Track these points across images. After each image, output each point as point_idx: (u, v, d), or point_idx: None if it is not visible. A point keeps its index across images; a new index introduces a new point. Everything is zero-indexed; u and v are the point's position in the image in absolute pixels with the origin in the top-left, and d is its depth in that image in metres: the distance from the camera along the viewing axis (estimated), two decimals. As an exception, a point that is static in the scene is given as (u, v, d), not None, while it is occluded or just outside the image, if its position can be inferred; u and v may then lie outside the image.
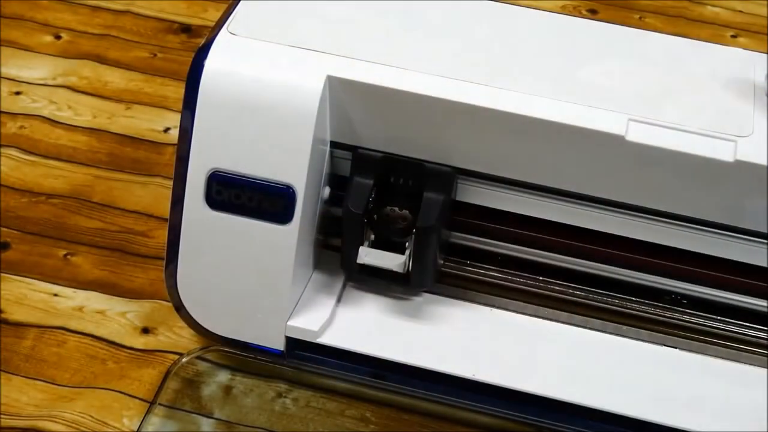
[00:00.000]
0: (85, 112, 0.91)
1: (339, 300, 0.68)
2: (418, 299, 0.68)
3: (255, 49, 0.62)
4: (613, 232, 0.65)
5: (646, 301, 0.68)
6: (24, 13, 1.01)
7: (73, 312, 0.74)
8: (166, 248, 0.64)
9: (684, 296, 0.68)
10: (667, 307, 0.68)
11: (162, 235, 0.75)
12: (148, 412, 0.66)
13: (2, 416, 0.66)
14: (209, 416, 0.67)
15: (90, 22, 1.01)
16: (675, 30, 1.06)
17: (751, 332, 0.67)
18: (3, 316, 0.73)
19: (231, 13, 0.64)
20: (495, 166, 0.64)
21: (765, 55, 0.66)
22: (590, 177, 0.63)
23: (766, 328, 0.67)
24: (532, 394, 0.64)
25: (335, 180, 0.65)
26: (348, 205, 0.64)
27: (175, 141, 0.64)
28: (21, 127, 0.89)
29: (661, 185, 0.62)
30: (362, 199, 0.64)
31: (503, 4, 0.70)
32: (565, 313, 0.68)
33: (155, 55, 0.97)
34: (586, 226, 0.65)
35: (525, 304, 0.68)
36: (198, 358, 0.69)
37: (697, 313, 0.67)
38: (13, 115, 0.90)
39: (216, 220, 0.62)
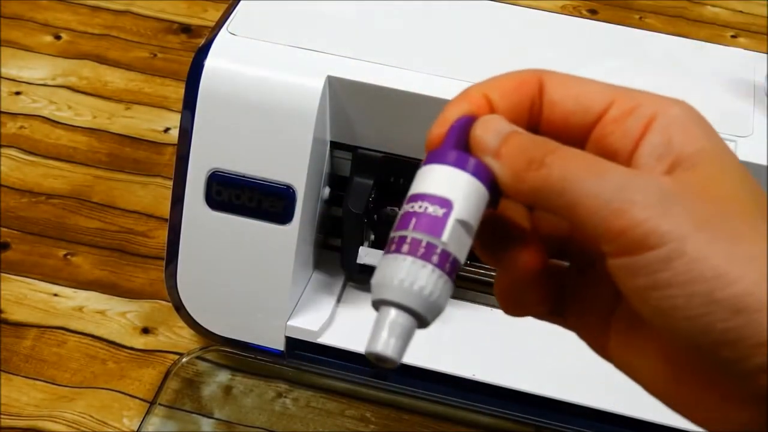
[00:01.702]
0: (85, 112, 0.91)
1: (339, 300, 0.68)
2: (418, 299, 0.68)
3: (255, 49, 0.62)
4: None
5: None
6: (24, 13, 1.01)
7: (73, 312, 0.74)
8: (166, 248, 0.64)
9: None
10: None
11: (162, 235, 0.75)
12: (148, 412, 0.66)
13: (2, 416, 0.66)
14: (209, 416, 0.67)
15: (90, 22, 1.01)
16: (675, 30, 1.06)
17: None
18: (3, 316, 0.73)
19: (231, 13, 0.64)
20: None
21: (765, 55, 0.66)
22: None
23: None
24: (532, 394, 0.64)
25: (335, 180, 0.66)
26: (348, 205, 0.64)
27: (175, 141, 0.64)
28: (21, 127, 0.89)
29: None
30: (362, 199, 0.64)
31: (503, 4, 0.70)
32: (565, 313, 0.68)
33: (155, 55, 0.97)
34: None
35: (525, 304, 0.68)
36: (198, 358, 0.69)
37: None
38: (13, 115, 0.90)
39: (216, 220, 0.62)
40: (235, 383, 0.69)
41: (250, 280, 0.64)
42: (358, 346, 0.65)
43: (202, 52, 0.61)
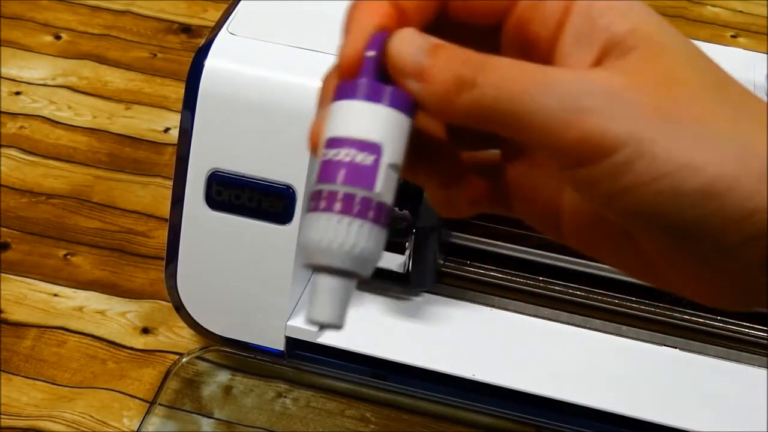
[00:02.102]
0: (85, 112, 0.91)
1: (339, 300, 0.67)
2: (418, 299, 0.68)
3: (255, 49, 0.62)
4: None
5: (646, 301, 0.68)
6: (24, 13, 1.01)
7: (73, 312, 0.74)
8: (166, 248, 0.64)
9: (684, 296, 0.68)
10: (667, 307, 0.68)
11: (162, 235, 0.75)
12: (148, 412, 0.66)
13: (2, 416, 0.66)
14: (209, 416, 0.67)
15: (90, 22, 1.01)
16: (675, 30, 1.06)
17: (751, 332, 0.67)
18: (3, 316, 0.73)
19: (231, 13, 0.64)
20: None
21: (765, 55, 0.66)
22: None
23: (766, 328, 0.67)
24: (532, 394, 0.64)
25: (335, 180, 0.65)
26: (348, 205, 0.64)
27: (175, 141, 0.64)
28: (21, 127, 0.89)
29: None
30: (362, 199, 0.64)
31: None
32: (565, 313, 0.68)
33: (155, 55, 0.97)
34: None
35: (525, 304, 0.69)
36: (198, 358, 0.69)
37: (697, 313, 0.67)
38: (13, 115, 0.90)
39: (216, 220, 0.62)
40: (235, 383, 0.69)
41: (250, 280, 0.64)
42: (358, 346, 0.65)
43: (202, 52, 0.61)
